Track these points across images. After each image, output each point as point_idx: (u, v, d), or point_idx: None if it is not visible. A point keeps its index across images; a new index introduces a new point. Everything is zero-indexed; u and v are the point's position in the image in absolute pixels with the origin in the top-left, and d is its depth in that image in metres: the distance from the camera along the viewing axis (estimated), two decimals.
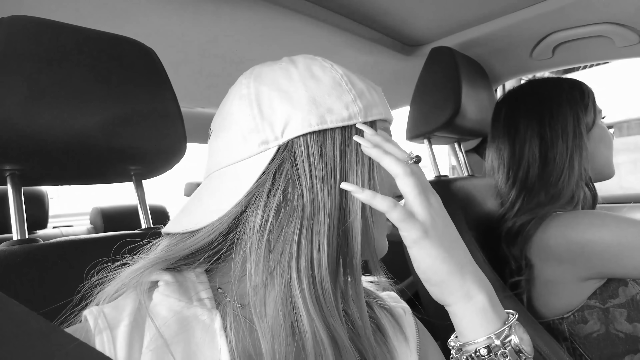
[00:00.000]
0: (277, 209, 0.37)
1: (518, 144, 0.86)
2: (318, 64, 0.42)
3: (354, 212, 0.38)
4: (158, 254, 0.40)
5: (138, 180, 0.67)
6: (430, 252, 0.36)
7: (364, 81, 0.43)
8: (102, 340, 0.33)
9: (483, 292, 0.38)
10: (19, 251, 0.46)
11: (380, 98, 0.44)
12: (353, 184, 0.38)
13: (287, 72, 0.41)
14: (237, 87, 0.42)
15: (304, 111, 0.38)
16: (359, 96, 0.40)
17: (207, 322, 0.36)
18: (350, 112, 0.39)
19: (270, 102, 0.39)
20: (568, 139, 0.81)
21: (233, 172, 0.40)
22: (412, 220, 0.36)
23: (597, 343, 0.75)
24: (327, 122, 0.38)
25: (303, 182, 0.38)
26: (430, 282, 0.38)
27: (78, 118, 0.50)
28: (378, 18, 0.94)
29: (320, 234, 0.37)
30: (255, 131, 0.39)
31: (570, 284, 0.76)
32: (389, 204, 0.36)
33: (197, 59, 0.97)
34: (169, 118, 0.59)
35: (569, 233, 0.73)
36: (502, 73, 1.23)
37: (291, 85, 0.40)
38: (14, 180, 0.52)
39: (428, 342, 0.50)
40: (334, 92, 0.40)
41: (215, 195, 0.40)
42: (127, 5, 0.73)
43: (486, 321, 0.37)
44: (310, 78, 0.40)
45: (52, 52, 0.49)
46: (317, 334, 0.35)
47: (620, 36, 0.95)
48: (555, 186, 0.81)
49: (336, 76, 0.41)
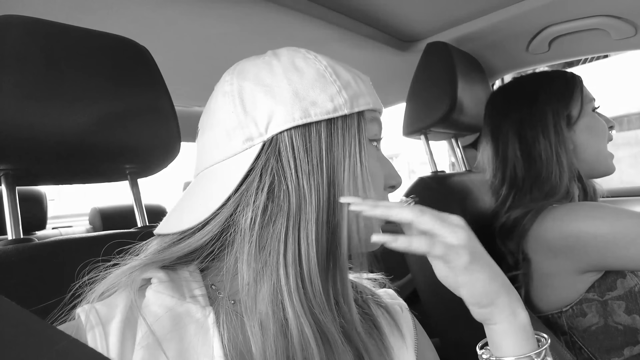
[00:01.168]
0: (265, 206, 0.37)
1: (501, 144, 0.85)
2: (301, 55, 0.41)
3: (342, 206, 0.38)
4: (150, 256, 0.39)
5: (133, 179, 0.67)
6: (479, 275, 0.36)
7: (350, 71, 0.42)
8: (94, 337, 0.33)
9: (523, 309, 0.39)
10: (13, 250, 0.46)
11: (368, 87, 0.43)
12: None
13: (269, 66, 0.40)
14: (221, 84, 0.42)
15: (287, 105, 0.38)
16: (344, 87, 0.40)
17: (201, 318, 0.36)
18: (336, 104, 0.39)
19: (253, 98, 0.39)
20: (550, 135, 0.80)
21: (220, 170, 0.40)
22: (454, 248, 0.36)
23: (596, 336, 0.75)
24: (312, 116, 0.38)
25: (288, 177, 0.37)
26: (481, 304, 0.38)
27: (71, 117, 0.50)
28: (373, 14, 0.94)
29: (308, 230, 0.37)
30: (239, 128, 0.38)
31: (567, 277, 0.75)
32: (428, 243, 0.35)
33: (191, 57, 0.97)
34: (163, 116, 0.59)
35: (565, 225, 0.73)
36: (499, 67, 1.23)
37: (274, 80, 0.39)
38: (8, 180, 0.52)
39: (423, 339, 0.50)
40: (317, 84, 0.39)
41: (202, 195, 0.40)
42: (121, 4, 0.73)
43: (526, 340, 0.38)
44: (293, 71, 0.39)
45: (45, 51, 0.49)
46: (303, 330, 0.35)
47: (616, 29, 0.95)
48: (547, 182, 0.80)
49: (320, 67, 0.40)
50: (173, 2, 0.74)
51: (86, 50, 0.53)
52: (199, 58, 0.96)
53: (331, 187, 0.38)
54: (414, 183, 0.94)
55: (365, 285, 0.51)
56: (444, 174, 1.01)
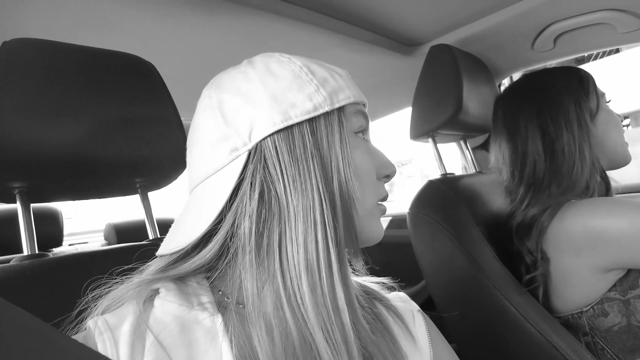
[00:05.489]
0: (259, 214, 0.37)
1: (519, 141, 0.84)
2: (275, 60, 0.41)
3: (332, 203, 0.38)
4: (156, 274, 0.39)
5: (144, 192, 0.68)
6: None
7: (326, 67, 0.42)
8: (103, 343, 0.33)
9: None
10: (29, 265, 0.48)
11: (346, 81, 0.42)
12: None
13: (245, 75, 0.40)
14: (201, 100, 0.42)
15: (266, 110, 0.37)
16: (321, 84, 0.39)
17: (209, 324, 0.36)
18: (315, 102, 0.38)
19: (233, 108, 0.38)
20: (573, 129, 0.79)
21: (209, 185, 0.39)
22: None
23: (619, 336, 0.72)
24: (292, 118, 0.37)
25: (276, 183, 0.37)
26: None
27: (81, 133, 0.51)
28: (375, 20, 0.95)
29: (298, 232, 0.36)
30: (223, 139, 0.38)
31: (588, 276, 0.73)
32: None
33: (194, 69, 0.99)
34: (170, 129, 0.61)
35: (586, 220, 0.71)
36: (504, 67, 1.22)
37: (250, 87, 0.39)
38: (22, 197, 0.54)
39: (440, 342, 0.49)
40: (294, 85, 0.39)
41: (194, 213, 0.40)
42: (124, 21, 0.75)
43: None
44: (268, 76, 0.39)
45: (54, 71, 0.51)
46: (307, 338, 0.35)
47: (621, 22, 0.94)
48: (569, 178, 0.78)
49: (295, 69, 0.40)
50: (174, 15, 0.76)
51: (93, 68, 0.55)
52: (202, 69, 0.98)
53: (318, 186, 0.37)
54: (424, 186, 0.94)
55: (374, 289, 0.50)
56: (453, 176, 1.00)
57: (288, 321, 0.35)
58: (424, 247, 0.88)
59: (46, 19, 0.70)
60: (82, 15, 0.71)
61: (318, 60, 0.43)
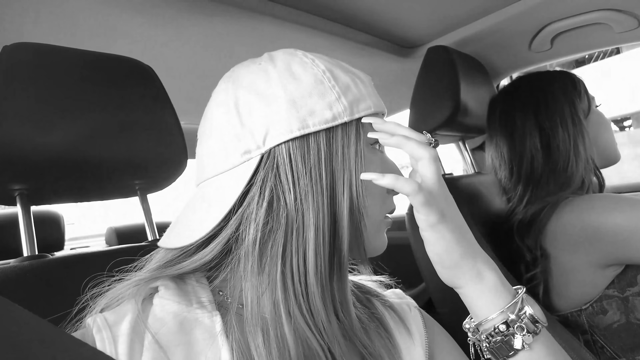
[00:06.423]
0: (265, 222, 0.36)
1: (517, 138, 0.86)
2: (298, 60, 0.40)
3: (341, 217, 0.37)
4: (155, 272, 0.39)
5: (143, 194, 0.68)
6: (445, 235, 0.37)
7: (349, 73, 0.41)
8: (102, 340, 0.33)
9: (492, 271, 0.39)
10: (28, 266, 0.48)
11: (368, 89, 0.41)
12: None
13: (265, 73, 0.39)
14: (217, 92, 0.42)
15: (284, 116, 0.36)
16: (343, 92, 0.38)
17: (208, 323, 0.36)
18: (334, 112, 0.37)
19: (249, 108, 0.37)
20: (568, 127, 0.81)
21: (218, 184, 0.39)
22: (431, 204, 0.36)
23: (618, 334, 0.72)
24: (310, 126, 0.36)
25: (286, 192, 0.36)
26: (444, 264, 0.38)
27: (82, 136, 0.52)
28: (372, 22, 0.95)
29: (306, 244, 0.36)
30: (236, 139, 0.37)
31: (587, 272, 0.74)
32: (414, 187, 0.35)
33: (193, 73, 0.99)
34: (169, 132, 0.61)
35: (583, 216, 0.72)
36: (502, 68, 1.22)
37: (269, 88, 0.38)
38: (23, 199, 0.54)
39: (438, 334, 0.49)
40: (315, 91, 0.37)
41: (201, 210, 0.39)
42: (123, 25, 0.76)
43: (498, 297, 0.38)
44: (290, 78, 0.38)
45: (54, 75, 0.52)
46: (303, 344, 0.35)
47: (618, 22, 0.94)
48: (564, 173, 0.80)
49: (317, 73, 0.39)
50: (173, 20, 0.77)
51: (93, 72, 0.55)
52: (201, 72, 0.99)
53: (330, 199, 0.37)
54: None
55: (370, 287, 0.50)
56: (452, 177, 1.00)
57: (285, 327, 0.35)
58: (423, 248, 0.88)
59: (46, 24, 0.71)
60: (82, 19, 0.72)
61: (342, 63, 0.42)
